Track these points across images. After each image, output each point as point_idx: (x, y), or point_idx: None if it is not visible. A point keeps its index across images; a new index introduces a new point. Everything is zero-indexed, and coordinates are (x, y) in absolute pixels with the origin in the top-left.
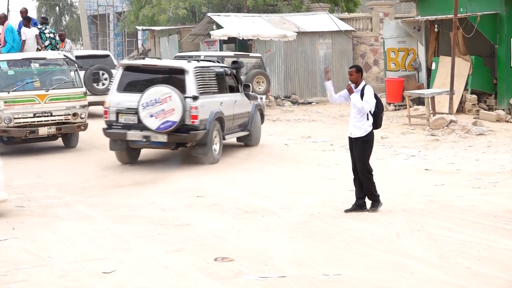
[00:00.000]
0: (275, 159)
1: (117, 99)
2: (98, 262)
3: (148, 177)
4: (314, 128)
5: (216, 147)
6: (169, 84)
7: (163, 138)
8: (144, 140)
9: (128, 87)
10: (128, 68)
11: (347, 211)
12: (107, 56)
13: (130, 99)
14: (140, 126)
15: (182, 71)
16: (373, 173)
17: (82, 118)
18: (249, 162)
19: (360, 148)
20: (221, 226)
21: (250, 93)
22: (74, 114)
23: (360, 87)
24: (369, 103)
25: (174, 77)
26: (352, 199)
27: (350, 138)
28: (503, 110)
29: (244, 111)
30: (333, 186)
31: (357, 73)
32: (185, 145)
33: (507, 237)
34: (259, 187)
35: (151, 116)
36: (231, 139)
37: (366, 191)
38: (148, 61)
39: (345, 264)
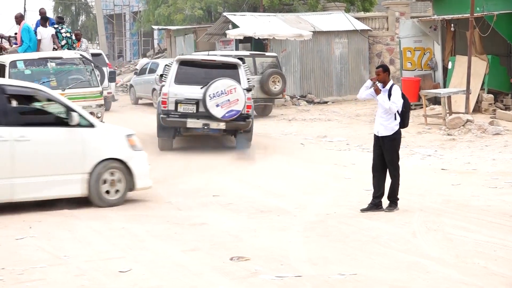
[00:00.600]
0: (290, 158)
1: (175, 90)
2: (114, 261)
3: (163, 176)
4: (330, 128)
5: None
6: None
7: (222, 126)
8: (205, 127)
9: (185, 79)
10: (183, 63)
11: (363, 210)
12: (99, 54)
13: (188, 91)
14: (197, 114)
15: (235, 66)
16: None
17: (98, 118)
18: (264, 161)
19: (389, 147)
20: (237, 226)
21: None
22: (91, 114)
23: (388, 86)
24: (396, 104)
25: (229, 71)
26: (367, 199)
27: (376, 137)
28: None
29: None
30: (349, 186)
31: (384, 73)
32: (240, 131)
33: None
34: (274, 187)
35: (217, 105)
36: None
37: (390, 189)
38: (206, 57)
39: (360, 264)
